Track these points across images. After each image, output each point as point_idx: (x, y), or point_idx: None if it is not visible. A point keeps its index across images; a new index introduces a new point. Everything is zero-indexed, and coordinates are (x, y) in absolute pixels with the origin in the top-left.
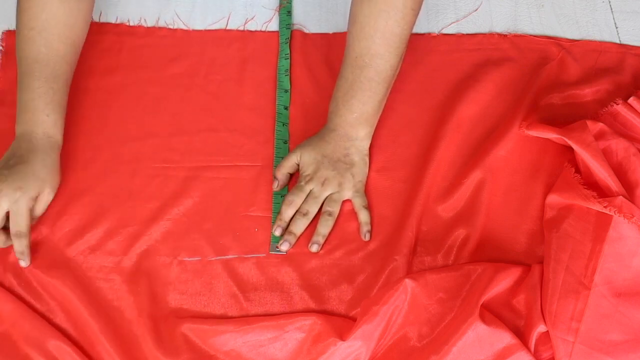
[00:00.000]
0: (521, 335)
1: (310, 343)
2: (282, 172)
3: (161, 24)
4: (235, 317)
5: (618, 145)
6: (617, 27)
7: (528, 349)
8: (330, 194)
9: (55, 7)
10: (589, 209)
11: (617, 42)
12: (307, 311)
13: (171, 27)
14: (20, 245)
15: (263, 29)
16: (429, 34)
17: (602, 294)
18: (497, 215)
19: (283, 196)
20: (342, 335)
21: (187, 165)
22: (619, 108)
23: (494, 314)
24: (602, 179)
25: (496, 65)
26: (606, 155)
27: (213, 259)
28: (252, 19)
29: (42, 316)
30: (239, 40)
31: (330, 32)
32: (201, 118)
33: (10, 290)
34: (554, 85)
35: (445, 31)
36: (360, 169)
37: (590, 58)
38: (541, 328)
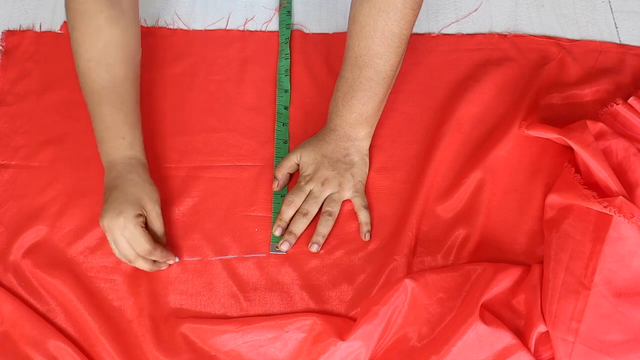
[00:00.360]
0: (521, 335)
1: (310, 343)
2: (282, 172)
3: (161, 24)
4: (235, 317)
5: (618, 145)
6: (617, 27)
7: (528, 349)
8: (330, 194)
9: (108, 32)
10: (589, 209)
11: (617, 42)
12: (307, 311)
13: (171, 27)
14: (154, 264)
15: (263, 29)
16: (429, 34)
17: (602, 294)
18: (497, 215)
19: (283, 196)
20: (342, 336)
21: (187, 165)
22: (619, 108)
23: (494, 314)
24: (602, 179)
25: (496, 65)
26: (606, 155)
27: (213, 259)
28: (252, 19)
29: (43, 316)
30: (239, 40)
31: (330, 32)
32: (201, 118)
33: (11, 291)
34: (554, 85)
35: (445, 31)
36: (360, 169)
37: (590, 58)
38: (541, 328)
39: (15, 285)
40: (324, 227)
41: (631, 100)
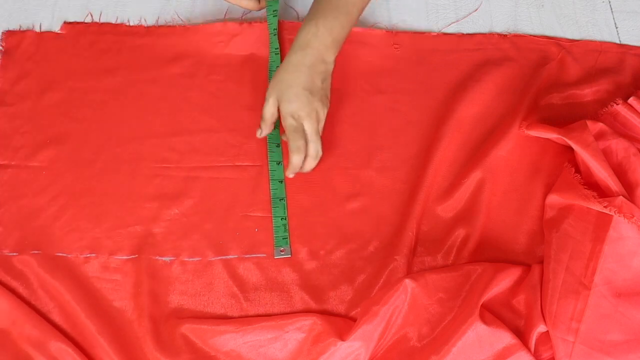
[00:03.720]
0: (521, 335)
1: (310, 343)
2: (267, 125)
3: (161, 23)
4: (235, 318)
5: (618, 145)
6: (617, 27)
7: (528, 349)
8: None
9: None
10: (589, 209)
11: (617, 42)
12: (307, 311)
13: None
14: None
15: (262, 29)
16: (429, 33)
17: (602, 294)
18: (497, 215)
19: (282, 200)
20: (342, 336)
21: (187, 165)
22: (619, 108)
23: (494, 314)
24: (602, 179)
25: (496, 65)
26: (606, 155)
27: (213, 259)
28: (252, 18)
29: (43, 317)
30: (238, 37)
31: None
32: (201, 118)
33: (11, 290)
34: (554, 85)
35: (445, 31)
36: (329, 89)
37: (590, 58)
38: (541, 328)
39: (16, 285)
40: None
41: (631, 100)
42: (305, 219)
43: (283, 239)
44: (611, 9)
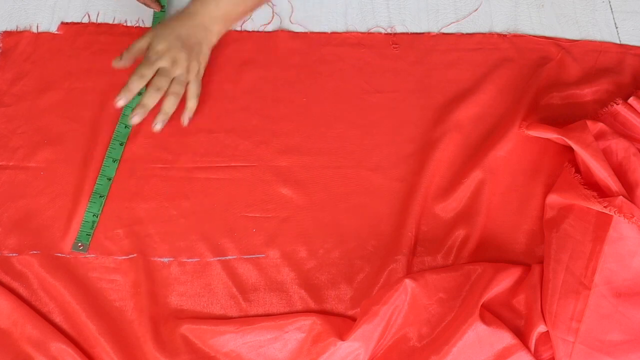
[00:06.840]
0: (521, 335)
1: (310, 343)
2: (131, 53)
3: None
4: (235, 318)
5: (618, 145)
6: (617, 27)
7: (528, 349)
8: (177, 76)
9: None
10: (589, 209)
11: (617, 42)
12: (306, 311)
13: None
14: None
15: (260, 30)
16: (429, 33)
17: (602, 294)
18: (497, 215)
19: (102, 197)
20: (342, 336)
21: (183, 166)
22: (619, 108)
23: (494, 314)
24: (602, 179)
25: (496, 65)
26: (606, 155)
27: (212, 259)
28: (249, 19)
29: (43, 317)
30: (236, 41)
31: (329, 31)
32: (197, 118)
33: (11, 291)
34: (554, 85)
35: (445, 31)
36: (205, 58)
37: (590, 58)
38: (541, 328)
39: (16, 286)
40: (170, 107)
41: (631, 100)
42: (304, 218)
43: (87, 235)
44: (611, 9)
